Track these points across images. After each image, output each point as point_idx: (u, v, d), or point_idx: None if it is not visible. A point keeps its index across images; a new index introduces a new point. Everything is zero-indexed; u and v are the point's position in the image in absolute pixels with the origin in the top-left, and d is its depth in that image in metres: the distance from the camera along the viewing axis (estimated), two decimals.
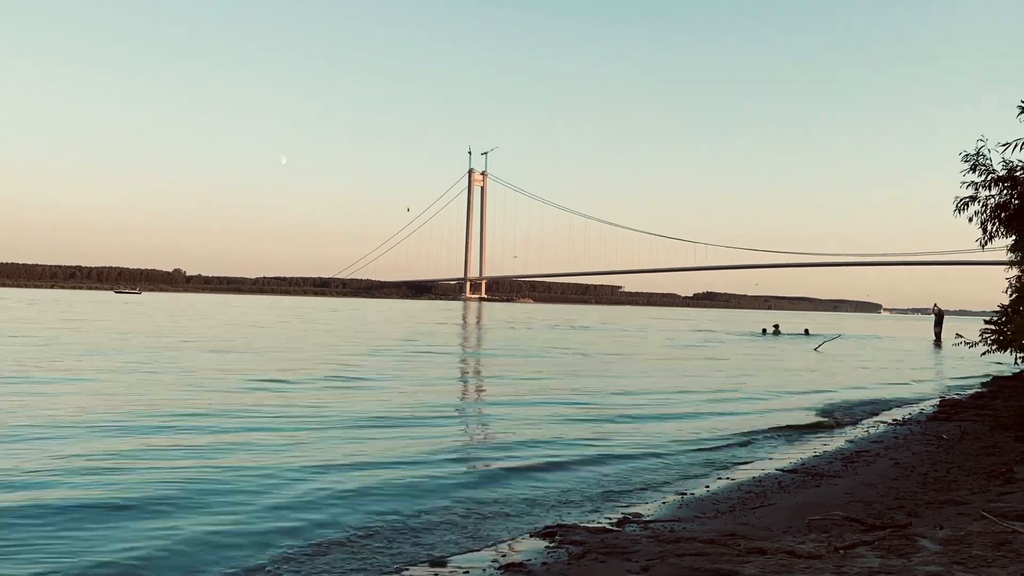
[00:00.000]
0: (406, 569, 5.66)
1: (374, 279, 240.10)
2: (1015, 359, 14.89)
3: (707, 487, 8.38)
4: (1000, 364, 23.63)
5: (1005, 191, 13.28)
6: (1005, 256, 15.81)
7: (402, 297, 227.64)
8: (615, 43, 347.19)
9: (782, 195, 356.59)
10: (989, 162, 13.29)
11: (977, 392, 17.91)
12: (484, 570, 5.55)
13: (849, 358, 31.69)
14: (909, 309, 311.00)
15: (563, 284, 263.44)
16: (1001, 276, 16.28)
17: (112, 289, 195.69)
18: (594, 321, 73.65)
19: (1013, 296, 13.94)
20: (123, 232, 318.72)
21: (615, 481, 8.65)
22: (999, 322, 13.32)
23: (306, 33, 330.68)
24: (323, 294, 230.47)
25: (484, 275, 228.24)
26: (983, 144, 13.21)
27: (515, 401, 14.96)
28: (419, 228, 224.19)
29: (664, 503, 7.69)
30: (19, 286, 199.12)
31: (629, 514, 7.11)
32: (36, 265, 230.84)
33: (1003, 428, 10.98)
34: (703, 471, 9.30)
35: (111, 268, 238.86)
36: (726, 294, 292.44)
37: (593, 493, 8.07)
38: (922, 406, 15.75)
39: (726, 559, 5.06)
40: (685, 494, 8.04)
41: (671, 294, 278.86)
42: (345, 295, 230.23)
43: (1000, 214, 13.45)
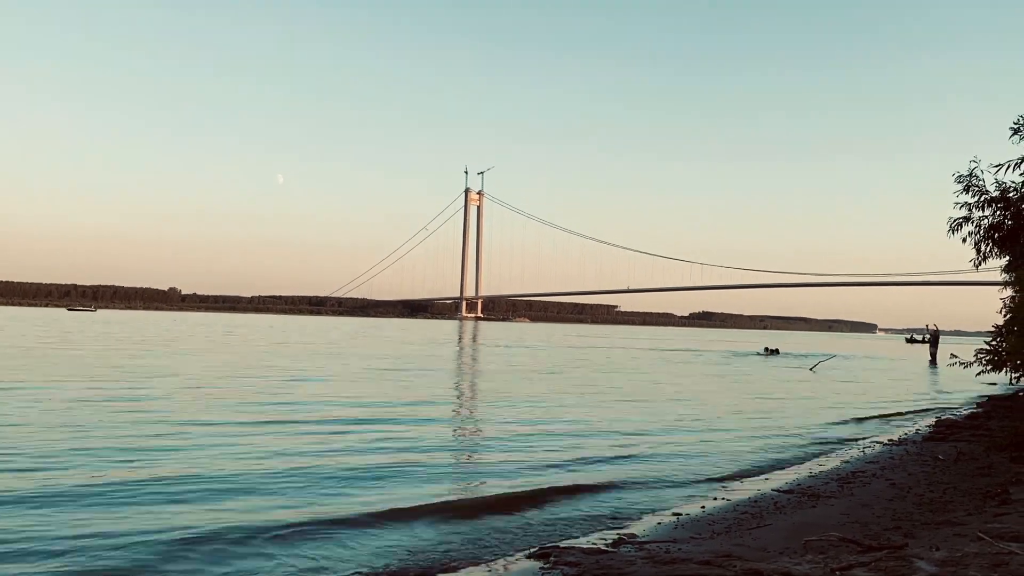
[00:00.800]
0: None
1: (370, 298, 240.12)
2: (1010, 379, 14.92)
3: (703, 507, 8.34)
4: (995, 384, 23.67)
5: (998, 212, 13.40)
6: (999, 276, 15.89)
7: (398, 316, 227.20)
8: (612, 65, 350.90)
9: (778, 215, 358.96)
10: (982, 183, 13.42)
11: (972, 412, 17.88)
12: None
13: (844, 378, 31.70)
14: (904, 329, 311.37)
15: (559, 303, 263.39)
16: (996, 296, 16.36)
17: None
18: (581, 336, 73.59)
19: (1007, 316, 13.97)
20: (118, 250, 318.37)
21: (610, 502, 8.60)
22: (994, 342, 13.35)
23: (303, 53, 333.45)
24: (319, 313, 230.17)
25: (480, 294, 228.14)
26: (976, 165, 13.36)
27: (510, 421, 14.90)
28: (415, 247, 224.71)
29: (660, 524, 7.64)
30: (12, 304, 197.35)
31: (624, 535, 7.06)
32: (30, 283, 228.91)
33: (999, 449, 10.94)
34: (698, 492, 9.26)
35: (106, 286, 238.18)
36: (722, 314, 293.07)
37: (589, 514, 8.02)
38: (918, 426, 15.74)
39: None
40: (681, 514, 8.00)
41: (667, 313, 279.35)
42: (341, 314, 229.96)
43: (994, 234, 13.56)
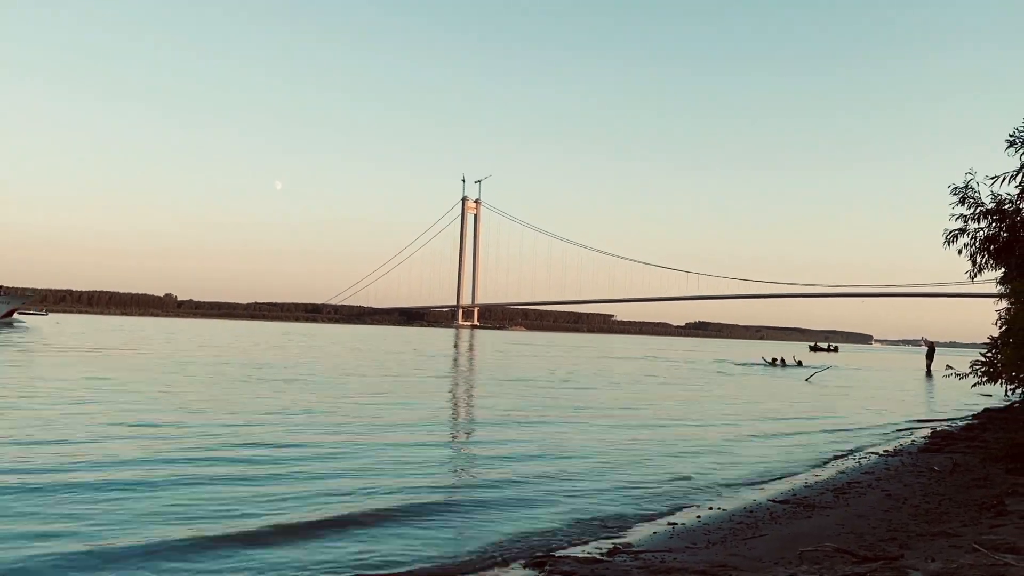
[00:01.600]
0: None
1: (366, 305, 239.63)
2: (1005, 391, 14.92)
3: (698, 517, 8.32)
4: (990, 396, 23.69)
5: (994, 224, 13.44)
6: (995, 288, 15.92)
7: (394, 324, 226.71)
8: (610, 73, 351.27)
9: (775, 226, 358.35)
10: (978, 195, 13.47)
11: (968, 424, 17.86)
12: None
13: (840, 389, 31.69)
14: (900, 340, 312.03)
15: (555, 312, 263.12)
16: (991, 308, 16.38)
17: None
18: (582, 344, 73.57)
19: (1003, 328, 13.99)
20: (115, 256, 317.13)
21: (606, 511, 8.57)
22: (989, 354, 13.35)
23: (301, 59, 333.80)
24: (315, 320, 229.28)
25: (476, 302, 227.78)
26: (972, 177, 13.41)
27: (508, 427, 14.87)
28: (412, 255, 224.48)
29: (655, 533, 7.62)
30: None
31: (620, 544, 7.04)
32: (23, 289, 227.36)
33: (994, 460, 10.94)
34: (694, 501, 9.24)
35: (101, 292, 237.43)
36: (718, 323, 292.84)
37: (584, 523, 8.00)
38: (913, 437, 15.73)
39: None
40: (676, 524, 7.98)
41: (663, 323, 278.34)
42: (337, 321, 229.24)
43: (989, 246, 13.59)
